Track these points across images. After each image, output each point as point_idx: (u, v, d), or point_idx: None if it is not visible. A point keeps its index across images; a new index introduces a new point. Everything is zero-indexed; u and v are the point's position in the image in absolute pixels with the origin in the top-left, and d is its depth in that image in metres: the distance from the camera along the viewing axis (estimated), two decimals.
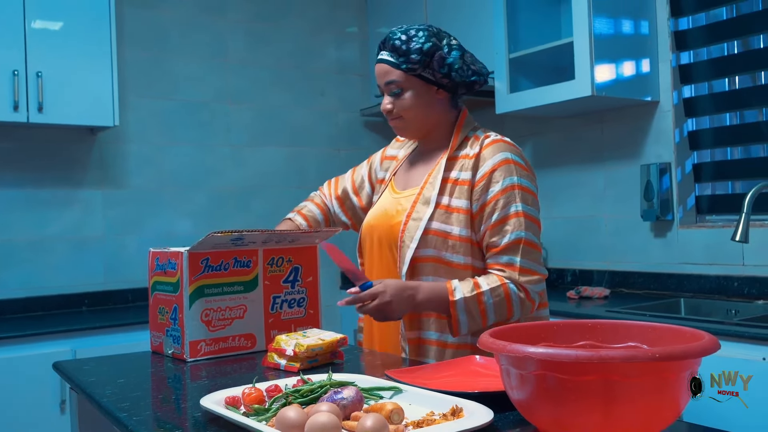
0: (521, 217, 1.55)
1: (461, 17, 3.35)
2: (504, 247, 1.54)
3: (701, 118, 2.85)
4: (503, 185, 1.55)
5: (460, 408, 1.03)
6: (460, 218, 1.57)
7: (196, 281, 1.61)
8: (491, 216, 1.55)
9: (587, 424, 0.89)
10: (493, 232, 1.55)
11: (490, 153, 1.59)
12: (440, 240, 1.57)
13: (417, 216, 1.59)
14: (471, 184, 1.58)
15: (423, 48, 1.59)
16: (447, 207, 1.59)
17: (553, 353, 0.87)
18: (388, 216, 1.67)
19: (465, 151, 1.63)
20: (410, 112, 1.64)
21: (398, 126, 1.69)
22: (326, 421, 0.92)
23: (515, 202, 1.55)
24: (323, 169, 3.87)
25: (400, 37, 1.61)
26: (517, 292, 1.53)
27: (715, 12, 2.79)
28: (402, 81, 1.62)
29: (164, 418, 1.21)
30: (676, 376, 0.88)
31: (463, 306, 1.50)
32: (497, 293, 1.51)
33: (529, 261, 1.55)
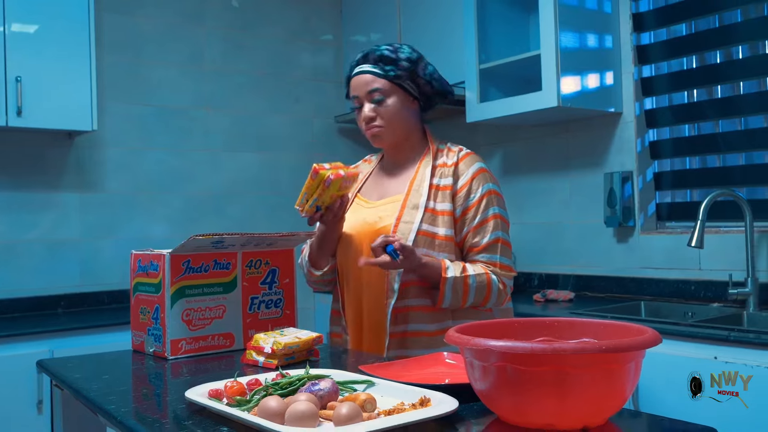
0: (498, 219, 1.75)
1: (434, 29, 3.45)
2: (485, 246, 1.73)
3: (662, 129, 2.98)
4: (482, 192, 1.74)
5: (428, 398, 1.12)
6: (445, 220, 1.73)
7: (178, 282, 1.68)
8: (473, 219, 1.73)
9: (543, 411, 0.98)
10: (474, 233, 1.74)
11: (468, 163, 1.77)
12: (429, 240, 1.71)
13: (408, 219, 1.72)
14: (453, 190, 1.75)
15: (411, 57, 1.77)
16: (433, 210, 1.74)
17: (512, 346, 0.96)
18: (370, 224, 1.78)
19: (442, 160, 1.79)
20: (392, 118, 1.77)
21: (377, 133, 1.80)
22: (305, 409, 1.00)
23: (492, 205, 1.75)
24: (298, 175, 3.91)
25: (387, 48, 1.77)
26: (497, 283, 1.72)
27: (675, 28, 2.92)
28: (386, 89, 1.75)
29: (150, 410, 1.28)
30: (621, 366, 0.98)
31: (452, 284, 1.67)
32: (481, 279, 1.70)
33: (505, 258, 1.76)
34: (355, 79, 1.79)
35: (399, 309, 1.72)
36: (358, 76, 1.78)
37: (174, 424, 1.14)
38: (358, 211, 1.86)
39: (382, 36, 3.82)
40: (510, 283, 1.77)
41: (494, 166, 3.50)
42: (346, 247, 1.83)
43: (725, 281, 2.56)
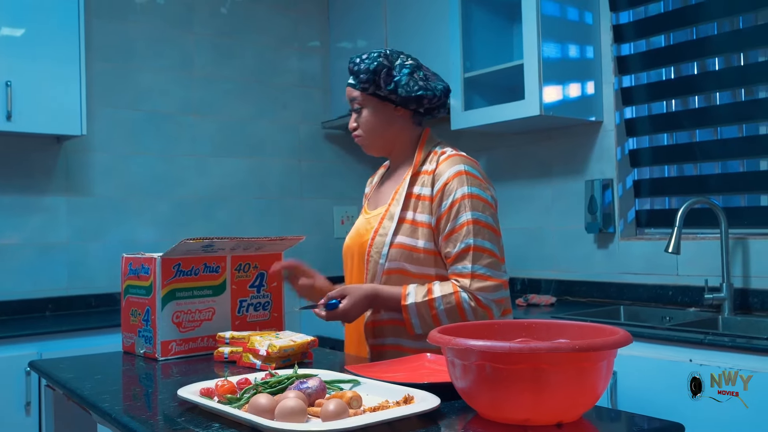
0: (470, 225, 1.61)
1: (419, 37, 3.51)
2: (455, 255, 1.62)
3: (641, 138, 3.05)
4: (454, 197, 1.63)
5: (412, 396, 1.17)
6: (424, 232, 1.66)
7: (168, 285, 1.72)
8: (445, 227, 1.64)
9: (519, 407, 1.04)
10: (446, 242, 1.63)
11: (446, 167, 1.67)
12: (406, 253, 1.65)
13: (383, 231, 1.69)
14: (431, 199, 1.67)
15: (369, 68, 1.71)
16: (412, 221, 1.67)
17: (491, 345, 1.02)
18: (360, 234, 1.79)
19: (425, 167, 1.72)
20: (368, 128, 1.77)
21: (360, 143, 1.82)
22: (294, 405, 1.05)
23: (465, 211, 1.62)
24: (285, 180, 4.00)
25: (355, 60, 1.76)
26: (468, 300, 1.59)
27: (654, 39, 3.00)
28: (360, 100, 1.76)
29: (143, 408, 1.33)
30: (594, 365, 1.04)
31: (414, 310, 1.60)
32: (448, 300, 1.58)
33: (481, 266, 1.60)
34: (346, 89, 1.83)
35: (375, 323, 1.73)
36: (347, 87, 1.81)
37: (167, 422, 1.18)
38: (359, 219, 1.89)
39: (368, 43, 3.87)
40: (489, 296, 1.61)
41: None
42: (344, 256, 1.87)
43: (701, 286, 2.63)
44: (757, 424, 1.93)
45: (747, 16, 2.71)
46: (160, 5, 3.62)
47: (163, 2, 3.63)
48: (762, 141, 2.67)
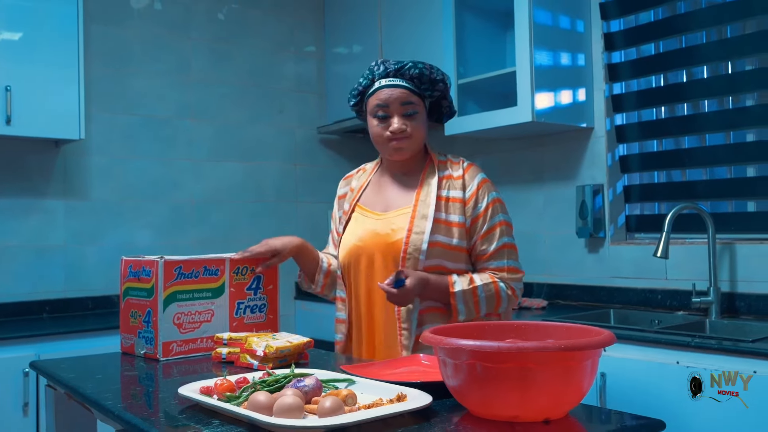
0: (503, 225, 1.84)
1: (414, 43, 3.56)
2: (493, 252, 1.82)
3: (631, 144, 3.11)
4: (488, 201, 1.83)
5: (404, 394, 1.21)
6: (457, 231, 1.80)
7: (170, 287, 1.77)
8: (482, 228, 1.82)
9: (508, 404, 1.09)
10: (483, 241, 1.82)
11: (472, 175, 1.86)
12: (442, 250, 1.78)
13: (418, 230, 1.78)
14: (463, 201, 1.82)
15: (446, 80, 1.88)
16: (447, 222, 1.81)
17: (480, 345, 1.06)
18: (381, 235, 1.83)
19: (448, 173, 1.87)
20: (420, 132, 1.84)
21: (404, 146, 1.84)
22: (292, 402, 1.09)
23: (498, 213, 1.84)
24: (280, 184, 4.04)
25: (424, 67, 1.84)
26: (505, 289, 1.80)
27: (644, 48, 3.06)
28: (418, 104, 1.83)
29: (145, 406, 1.37)
30: (579, 364, 1.08)
31: (461, 297, 1.75)
32: (489, 289, 1.78)
33: (513, 261, 1.85)
34: (386, 91, 1.83)
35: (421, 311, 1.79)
36: (392, 89, 1.82)
37: (168, 418, 1.22)
38: (363, 222, 1.90)
39: (363, 48, 3.92)
40: (519, 286, 1.85)
41: None
42: (356, 257, 1.86)
43: (689, 290, 2.68)
44: (757, 424, 1.96)
45: (734, 25, 2.77)
46: (158, 11, 3.66)
47: (161, 8, 3.67)
48: (748, 148, 2.73)
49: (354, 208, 1.95)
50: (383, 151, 1.89)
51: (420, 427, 1.11)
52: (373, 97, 1.86)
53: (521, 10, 2.92)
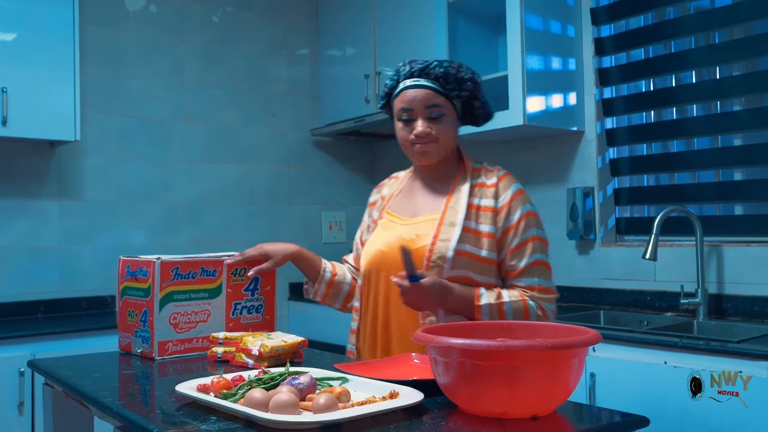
0: (537, 240, 1.71)
1: (406, 47, 3.59)
2: (523, 269, 1.69)
3: (621, 148, 3.15)
4: (521, 213, 1.71)
5: (397, 392, 1.25)
6: (487, 242, 1.69)
7: (166, 288, 1.79)
8: (512, 241, 1.69)
9: (497, 401, 1.12)
10: (513, 255, 1.69)
11: (507, 184, 1.74)
12: (470, 261, 1.67)
13: (444, 237, 1.67)
14: (494, 211, 1.71)
15: (474, 79, 1.75)
16: (476, 232, 1.69)
17: (470, 343, 1.10)
18: (405, 241, 1.71)
19: (481, 180, 1.76)
20: (446, 135, 1.73)
21: (429, 150, 1.75)
22: (287, 399, 1.13)
23: (530, 227, 1.71)
24: (273, 186, 4.07)
25: (450, 66, 1.73)
26: (535, 309, 1.67)
27: (634, 53, 3.10)
28: (444, 106, 1.72)
29: (143, 403, 1.40)
30: (566, 362, 1.12)
31: (487, 311, 1.64)
32: (517, 306, 1.65)
33: (545, 280, 1.72)
34: (411, 92, 1.73)
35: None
36: (416, 90, 1.73)
37: (165, 415, 1.25)
38: (391, 228, 1.81)
39: (356, 51, 3.95)
40: (550, 307, 1.72)
41: None
42: (378, 263, 1.78)
43: (678, 292, 2.73)
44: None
45: (722, 31, 2.81)
46: (153, 13, 3.69)
47: (156, 11, 3.70)
48: (735, 152, 2.78)
49: (382, 214, 1.87)
50: (409, 155, 1.81)
51: (411, 423, 1.14)
52: (398, 99, 1.77)
53: (513, 15, 2.96)
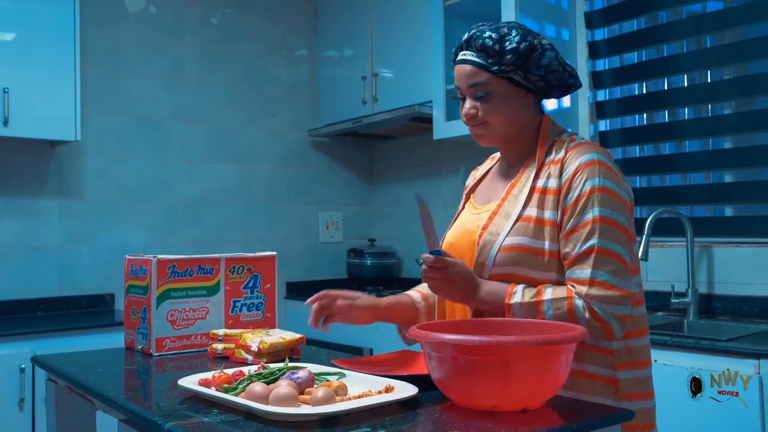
0: (597, 223, 1.36)
1: (403, 48, 3.64)
2: (575, 257, 1.37)
3: (614, 150, 3.20)
4: (582, 189, 1.39)
5: (392, 386, 1.29)
6: (551, 231, 1.41)
7: (163, 285, 1.84)
8: (567, 223, 1.40)
9: (488, 395, 1.16)
10: (566, 241, 1.39)
11: (575, 155, 1.43)
12: (526, 255, 1.41)
13: (493, 230, 1.45)
14: (557, 192, 1.43)
15: (519, 48, 1.44)
16: (537, 220, 1.42)
17: (463, 339, 1.14)
18: (469, 232, 1.53)
19: (551, 157, 1.47)
20: (497, 117, 1.48)
21: (480, 133, 1.53)
22: (287, 392, 1.17)
23: (593, 206, 1.37)
24: (272, 186, 4.11)
25: (490, 35, 1.46)
26: (581, 310, 1.34)
27: (627, 56, 3.15)
28: (490, 84, 1.46)
29: (146, 397, 1.44)
30: (555, 357, 1.16)
31: (519, 311, 1.37)
32: (558, 306, 1.34)
33: (604, 272, 1.35)
34: (457, 67, 1.52)
35: None
36: (460, 66, 1.50)
37: (169, 408, 1.29)
38: (463, 216, 1.62)
39: (354, 52, 4.00)
40: (608, 309, 1.33)
41: (459, 181, 3.69)
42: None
43: (668, 292, 2.78)
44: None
45: (713, 36, 2.86)
46: (153, 15, 3.73)
47: (156, 12, 3.74)
48: (726, 154, 2.83)
49: (466, 202, 1.67)
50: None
51: (406, 415, 1.19)
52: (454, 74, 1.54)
53: (508, 19, 3.00)
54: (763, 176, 2.77)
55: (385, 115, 3.60)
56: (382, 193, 4.39)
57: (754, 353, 2.06)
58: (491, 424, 1.11)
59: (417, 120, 3.56)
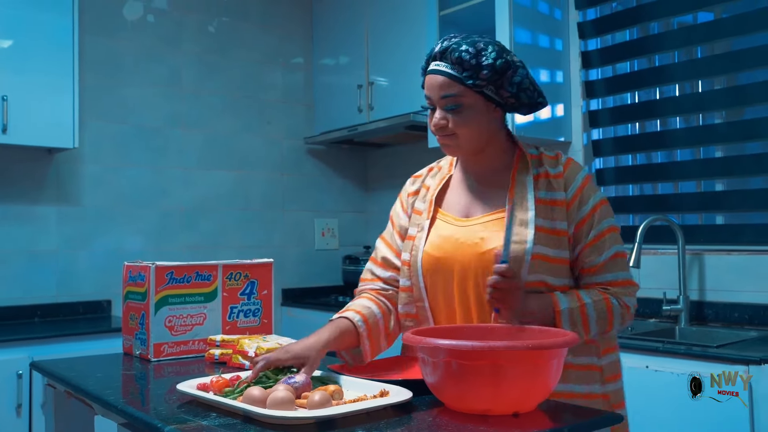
0: (614, 231, 1.54)
1: (398, 56, 3.67)
2: (603, 264, 1.51)
3: (607, 158, 3.24)
4: (594, 202, 1.52)
5: (387, 391, 1.32)
6: (560, 240, 1.51)
7: (161, 292, 1.86)
8: (588, 234, 1.51)
9: (480, 398, 1.19)
10: (591, 250, 1.51)
11: (574, 172, 1.55)
12: (545, 264, 1.48)
13: (518, 239, 1.47)
14: (566, 204, 1.52)
15: (495, 65, 1.48)
16: (550, 230, 1.50)
17: (456, 344, 1.17)
18: (467, 245, 1.52)
19: (545, 170, 1.55)
20: (466, 129, 1.51)
21: (449, 144, 1.55)
22: (284, 396, 1.20)
23: (606, 217, 1.53)
24: (267, 193, 4.13)
25: (467, 49, 1.49)
26: (618, 306, 1.50)
27: (619, 66, 3.20)
28: (463, 96, 1.49)
29: (145, 401, 1.47)
30: (546, 362, 1.19)
31: (568, 317, 1.45)
32: (600, 307, 1.48)
33: (625, 272, 1.55)
34: (429, 77, 1.53)
35: None
36: (433, 76, 1.52)
37: (168, 412, 1.32)
38: (444, 229, 1.59)
39: (350, 60, 4.04)
40: (632, 302, 1.54)
41: None
42: (434, 272, 1.56)
43: (660, 299, 2.81)
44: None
45: (703, 46, 2.91)
46: (151, 23, 3.76)
47: (154, 20, 3.77)
48: (716, 163, 2.87)
49: (435, 213, 1.64)
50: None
51: (401, 419, 1.21)
52: (424, 84, 1.58)
53: (502, 29, 3.04)
54: (754, 185, 2.82)
55: (381, 123, 3.64)
56: (377, 201, 4.42)
57: (743, 359, 2.10)
58: (483, 427, 1.14)
59: (412, 128, 3.59)
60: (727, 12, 2.86)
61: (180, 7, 3.85)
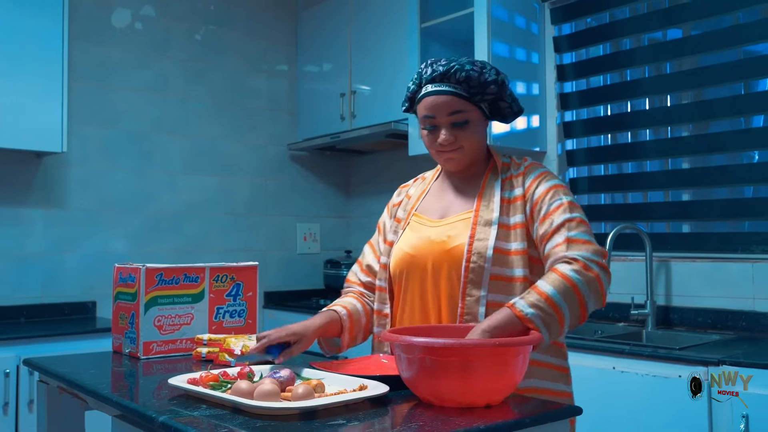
0: (567, 204, 1.57)
1: (381, 65, 3.78)
2: (553, 231, 1.54)
3: (580, 168, 3.36)
4: (547, 186, 1.61)
5: (366, 385, 1.41)
6: (517, 234, 1.60)
7: (151, 292, 1.95)
8: (540, 210, 1.58)
9: (452, 392, 1.29)
10: (543, 223, 1.56)
11: (533, 168, 1.67)
12: (501, 257, 1.58)
13: (482, 237, 1.59)
14: (522, 198, 1.62)
15: (498, 80, 1.63)
16: (506, 226, 1.61)
17: (429, 341, 1.27)
18: (437, 243, 1.65)
19: (510, 173, 1.68)
20: (471, 142, 1.65)
21: (455, 157, 1.67)
22: (270, 389, 1.29)
23: (560, 195, 1.59)
24: (251, 197, 4.22)
25: (472, 68, 1.62)
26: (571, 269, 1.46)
27: (593, 79, 3.32)
28: (469, 112, 1.63)
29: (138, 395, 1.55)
30: (512, 358, 1.30)
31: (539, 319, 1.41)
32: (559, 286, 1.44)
33: (579, 233, 1.53)
34: (432, 98, 1.64)
35: None
36: (437, 96, 1.63)
37: (160, 405, 1.40)
38: (419, 230, 1.72)
39: (333, 68, 4.14)
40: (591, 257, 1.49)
41: None
42: (408, 267, 1.68)
43: (629, 303, 2.93)
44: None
45: (672, 62, 3.04)
46: (139, 30, 3.83)
47: (142, 28, 3.84)
48: (683, 174, 3.00)
49: (411, 216, 1.77)
50: (437, 160, 1.75)
51: (378, 410, 1.31)
52: (420, 105, 1.67)
53: (481, 42, 3.16)
54: (718, 195, 2.95)
55: (363, 131, 3.74)
56: (358, 206, 4.52)
57: (703, 361, 2.22)
58: (453, 416, 1.24)
59: (393, 136, 3.70)
60: (695, 29, 2.99)
61: (167, 15, 3.93)
